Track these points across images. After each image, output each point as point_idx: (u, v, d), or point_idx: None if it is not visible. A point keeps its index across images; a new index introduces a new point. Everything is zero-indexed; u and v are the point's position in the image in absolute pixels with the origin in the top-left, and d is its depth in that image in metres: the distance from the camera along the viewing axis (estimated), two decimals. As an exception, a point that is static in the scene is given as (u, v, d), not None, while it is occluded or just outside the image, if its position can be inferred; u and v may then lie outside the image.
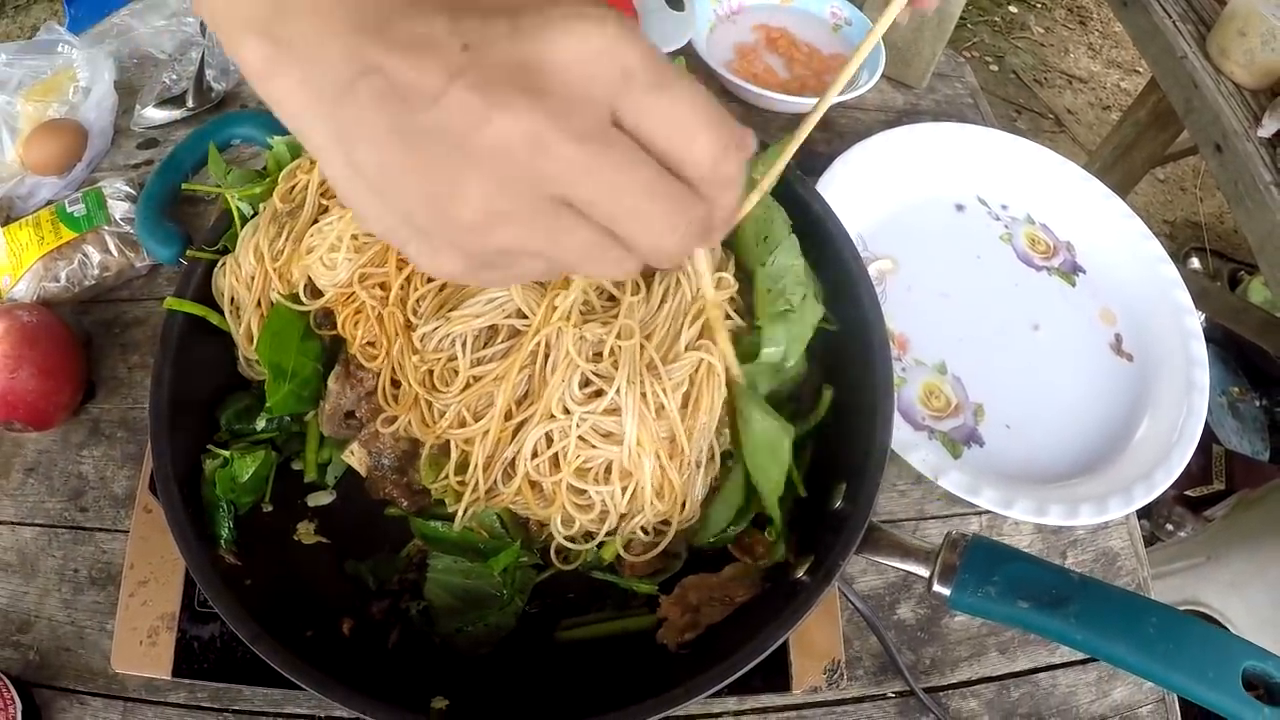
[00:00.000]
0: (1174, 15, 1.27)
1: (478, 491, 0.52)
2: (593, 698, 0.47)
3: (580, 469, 0.51)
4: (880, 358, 0.54)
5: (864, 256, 0.82)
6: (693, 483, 0.53)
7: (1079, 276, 0.86)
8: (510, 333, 0.52)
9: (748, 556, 0.54)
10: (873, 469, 0.51)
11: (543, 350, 0.50)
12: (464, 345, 0.52)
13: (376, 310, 0.54)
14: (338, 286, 0.55)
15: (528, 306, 0.51)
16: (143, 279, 0.78)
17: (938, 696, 0.66)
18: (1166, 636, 0.47)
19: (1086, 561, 0.74)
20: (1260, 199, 1.10)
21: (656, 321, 0.52)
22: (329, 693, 0.45)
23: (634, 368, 0.50)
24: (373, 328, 0.54)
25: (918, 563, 0.50)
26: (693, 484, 0.53)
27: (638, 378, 0.50)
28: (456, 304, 0.53)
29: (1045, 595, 0.48)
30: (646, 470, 0.50)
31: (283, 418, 0.60)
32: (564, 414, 0.50)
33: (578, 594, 0.58)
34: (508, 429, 0.51)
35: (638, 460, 0.50)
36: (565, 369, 0.49)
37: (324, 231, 0.55)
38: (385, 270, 0.54)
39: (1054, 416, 0.78)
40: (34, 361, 0.65)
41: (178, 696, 0.61)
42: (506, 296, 0.52)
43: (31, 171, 0.81)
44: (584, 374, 0.50)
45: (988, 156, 0.89)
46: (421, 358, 0.52)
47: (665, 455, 0.51)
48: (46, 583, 0.65)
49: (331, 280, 0.55)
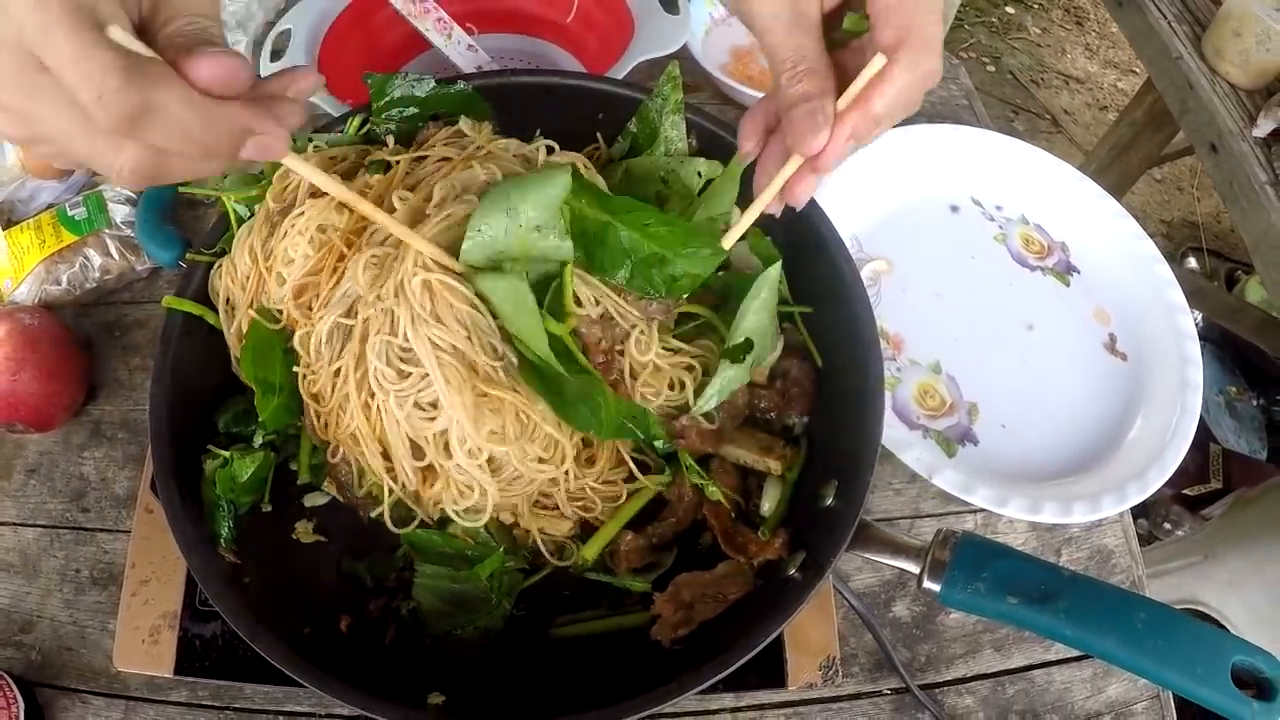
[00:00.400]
0: (1169, 16, 1.28)
1: (394, 493, 0.54)
2: (588, 692, 0.48)
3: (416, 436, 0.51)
4: (871, 358, 0.54)
5: (859, 257, 0.83)
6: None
7: (1073, 276, 0.87)
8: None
9: (740, 555, 0.55)
10: (863, 467, 0.51)
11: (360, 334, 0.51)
12: (319, 348, 0.53)
13: (304, 329, 0.55)
14: (281, 301, 0.56)
15: (361, 287, 0.52)
16: (143, 282, 0.79)
17: (933, 693, 0.66)
18: (1156, 632, 0.47)
19: (1081, 559, 0.74)
20: (1255, 198, 1.11)
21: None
22: (327, 688, 0.45)
23: (417, 315, 0.49)
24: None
25: (908, 559, 0.50)
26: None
27: (422, 324, 0.49)
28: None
29: (1035, 591, 0.48)
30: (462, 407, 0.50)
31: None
32: (381, 393, 0.50)
33: (573, 592, 0.58)
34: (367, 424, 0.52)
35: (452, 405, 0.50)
36: (376, 345, 0.50)
37: (295, 223, 0.55)
38: (318, 279, 0.55)
39: (1048, 415, 0.78)
40: (36, 364, 0.66)
41: (179, 695, 0.62)
42: (349, 287, 0.52)
43: (32, 175, 0.81)
44: (389, 346, 0.50)
45: (982, 158, 0.89)
46: (309, 368, 0.54)
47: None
48: (48, 583, 0.66)
49: (289, 277, 0.56)
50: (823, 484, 0.55)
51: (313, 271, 0.55)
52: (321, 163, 0.59)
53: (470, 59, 0.85)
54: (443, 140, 0.61)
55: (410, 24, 0.84)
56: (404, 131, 0.62)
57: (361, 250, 0.53)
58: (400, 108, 0.62)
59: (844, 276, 0.58)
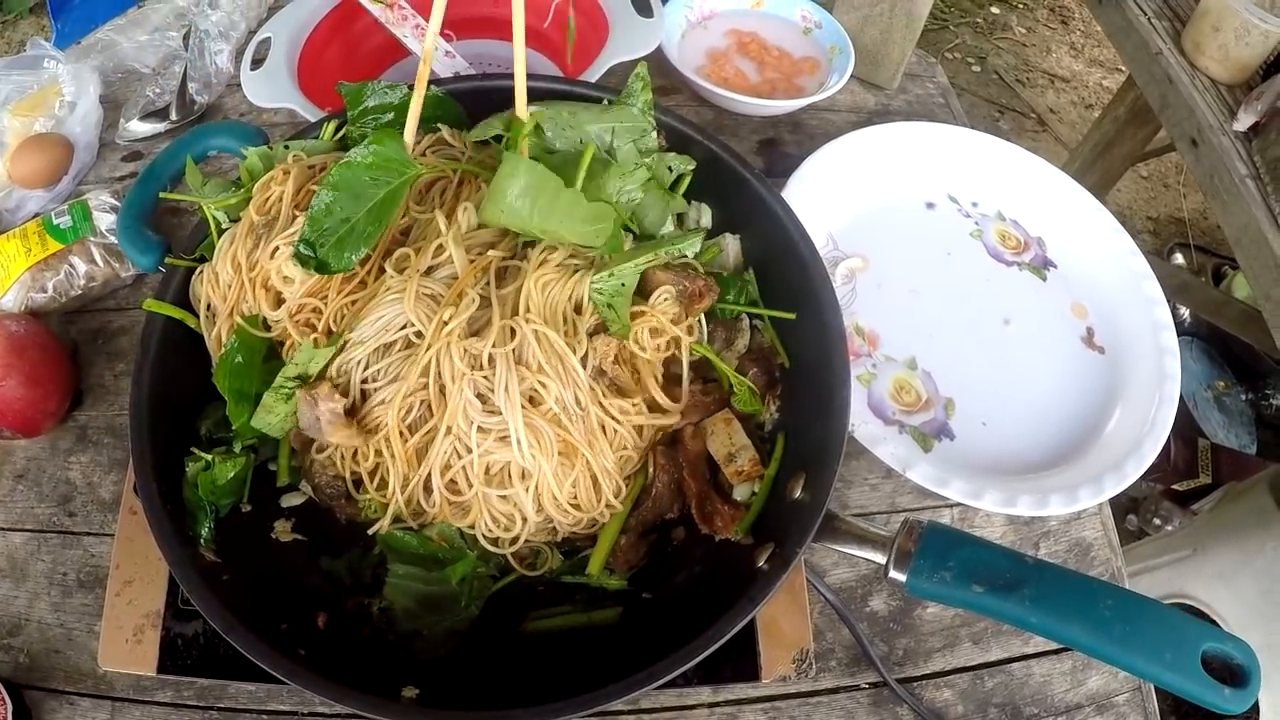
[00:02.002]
0: (1149, 12, 1.28)
1: (399, 507, 0.55)
2: (559, 685, 0.48)
3: (488, 473, 0.54)
4: (836, 351, 0.55)
5: (835, 255, 0.84)
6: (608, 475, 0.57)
7: (1050, 271, 0.88)
8: (405, 343, 0.55)
9: (706, 525, 0.56)
10: (830, 459, 0.52)
11: (434, 367, 0.53)
12: (359, 365, 0.55)
13: (323, 347, 0.56)
14: (278, 321, 0.57)
15: (420, 322, 0.54)
16: (128, 289, 0.80)
17: (911, 687, 0.67)
18: (1122, 618, 0.47)
19: (1059, 552, 0.75)
20: (1236, 192, 1.11)
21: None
22: (300, 680, 0.46)
23: (508, 367, 0.52)
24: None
25: (874, 549, 0.51)
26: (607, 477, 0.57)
27: (514, 378, 0.53)
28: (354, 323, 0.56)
29: (1000, 579, 0.49)
30: (547, 470, 0.53)
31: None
32: (465, 424, 0.52)
33: (546, 588, 0.59)
34: (410, 449, 0.54)
35: (532, 459, 0.53)
36: (459, 382, 0.52)
37: (289, 242, 0.56)
38: (323, 299, 0.56)
39: (1026, 410, 0.79)
40: (22, 370, 0.67)
41: (164, 695, 0.62)
42: (396, 313, 0.54)
43: (18, 185, 0.82)
44: (475, 384, 0.52)
45: (958, 154, 0.90)
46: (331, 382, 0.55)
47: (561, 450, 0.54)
48: (36, 586, 0.67)
49: (288, 296, 0.57)
50: (792, 477, 0.56)
51: (314, 293, 0.56)
52: (302, 173, 0.60)
53: (448, 65, 0.86)
54: (429, 148, 0.62)
55: (389, 31, 0.86)
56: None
57: (409, 278, 0.54)
58: (377, 115, 0.63)
59: (811, 274, 0.59)
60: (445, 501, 0.54)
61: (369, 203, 0.53)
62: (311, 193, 0.58)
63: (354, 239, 0.53)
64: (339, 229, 0.53)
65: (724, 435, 0.60)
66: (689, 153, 0.64)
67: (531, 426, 0.53)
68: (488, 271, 0.55)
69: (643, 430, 0.59)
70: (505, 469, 0.54)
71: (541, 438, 0.53)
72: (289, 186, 0.59)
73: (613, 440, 0.57)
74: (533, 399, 0.54)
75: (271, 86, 0.80)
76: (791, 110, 0.94)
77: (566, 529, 0.58)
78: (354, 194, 0.53)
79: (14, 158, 0.82)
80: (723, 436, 0.60)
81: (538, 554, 0.59)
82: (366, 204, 0.53)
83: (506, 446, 0.53)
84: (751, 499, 0.59)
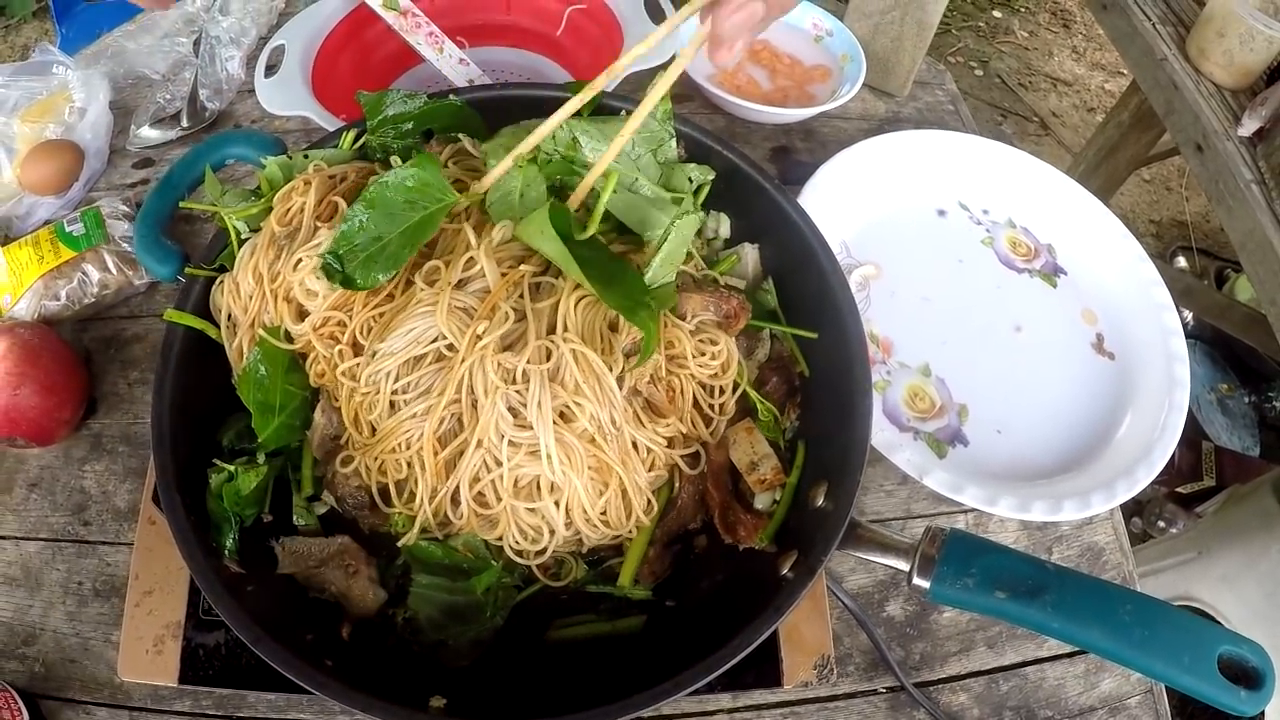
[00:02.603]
0: (1153, 18, 1.29)
1: (426, 518, 0.55)
2: (585, 693, 0.48)
3: (516, 485, 0.54)
4: (858, 360, 0.55)
5: (848, 263, 0.84)
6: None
7: (1060, 278, 0.88)
8: (436, 356, 0.55)
9: (730, 535, 0.56)
10: (852, 468, 0.52)
11: (467, 381, 0.53)
12: (389, 376, 0.55)
13: (331, 360, 0.56)
14: (302, 334, 0.57)
15: (453, 335, 0.54)
16: (141, 296, 0.80)
17: (928, 691, 0.67)
18: (1142, 623, 0.48)
19: (1072, 557, 0.75)
20: (1241, 197, 1.12)
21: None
22: (328, 692, 0.46)
23: (541, 384, 0.53)
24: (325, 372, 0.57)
25: (898, 557, 0.51)
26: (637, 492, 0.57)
27: (547, 395, 0.53)
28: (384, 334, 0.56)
29: (1022, 586, 0.49)
30: (578, 486, 0.54)
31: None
32: (497, 438, 0.53)
33: (570, 597, 0.59)
34: (439, 461, 0.54)
35: (563, 475, 0.53)
36: (492, 396, 0.52)
37: (312, 255, 0.56)
38: (348, 313, 0.56)
39: (1038, 415, 0.79)
40: (35, 379, 0.67)
41: (182, 705, 0.62)
42: (428, 325, 0.54)
43: (29, 191, 0.82)
44: (508, 399, 0.53)
45: (968, 162, 0.91)
46: (355, 392, 0.55)
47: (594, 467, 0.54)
48: (51, 596, 0.66)
49: (313, 309, 0.57)
50: (814, 486, 0.56)
51: (339, 306, 0.57)
52: (323, 184, 0.60)
53: (462, 73, 0.86)
54: (449, 158, 0.62)
55: (402, 39, 0.86)
56: (404, 149, 0.63)
57: (442, 291, 0.54)
58: (396, 124, 0.63)
59: (831, 282, 0.59)
60: (473, 514, 0.54)
61: (403, 225, 0.53)
62: (333, 204, 0.58)
63: (384, 259, 0.53)
64: (369, 246, 0.53)
65: (746, 444, 0.60)
66: (709, 163, 0.64)
67: (562, 443, 0.53)
68: (519, 285, 0.55)
69: (673, 441, 0.60)
70: (534, 482, 0.54)
71: (573, 454, 0.53)
72: (311, 197, 0.59)
73: (645, 459, 0.57)
74: (564, 415, 0.54)
75: (286, 94, 0.80)
76: (804, 118, 0.94)
77: (593, 542, 0.58)
78: (389, 214, 0.53)
79: (25, 164, 0.82)
80: (745, 445, 0.60)
81: (562, 564, 0.59)
82: (400, 225, 0.53)
83: (536, 461, 0.53)
84: (773, 507, 0.59)
